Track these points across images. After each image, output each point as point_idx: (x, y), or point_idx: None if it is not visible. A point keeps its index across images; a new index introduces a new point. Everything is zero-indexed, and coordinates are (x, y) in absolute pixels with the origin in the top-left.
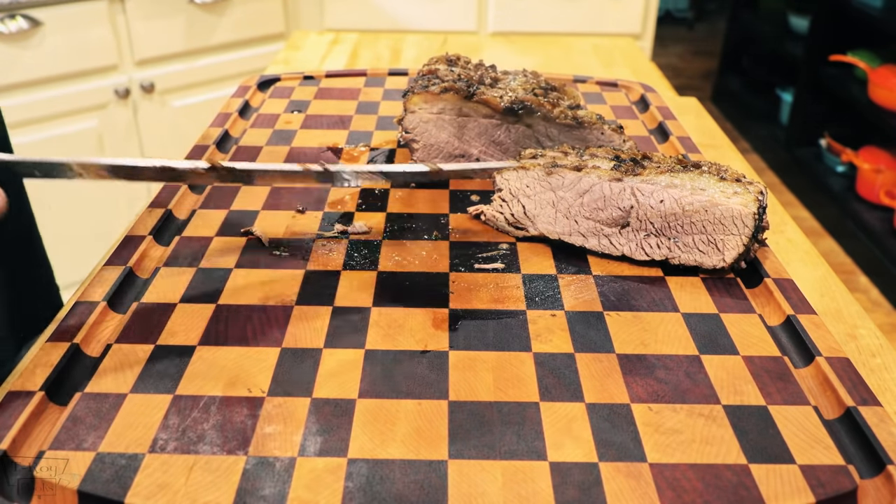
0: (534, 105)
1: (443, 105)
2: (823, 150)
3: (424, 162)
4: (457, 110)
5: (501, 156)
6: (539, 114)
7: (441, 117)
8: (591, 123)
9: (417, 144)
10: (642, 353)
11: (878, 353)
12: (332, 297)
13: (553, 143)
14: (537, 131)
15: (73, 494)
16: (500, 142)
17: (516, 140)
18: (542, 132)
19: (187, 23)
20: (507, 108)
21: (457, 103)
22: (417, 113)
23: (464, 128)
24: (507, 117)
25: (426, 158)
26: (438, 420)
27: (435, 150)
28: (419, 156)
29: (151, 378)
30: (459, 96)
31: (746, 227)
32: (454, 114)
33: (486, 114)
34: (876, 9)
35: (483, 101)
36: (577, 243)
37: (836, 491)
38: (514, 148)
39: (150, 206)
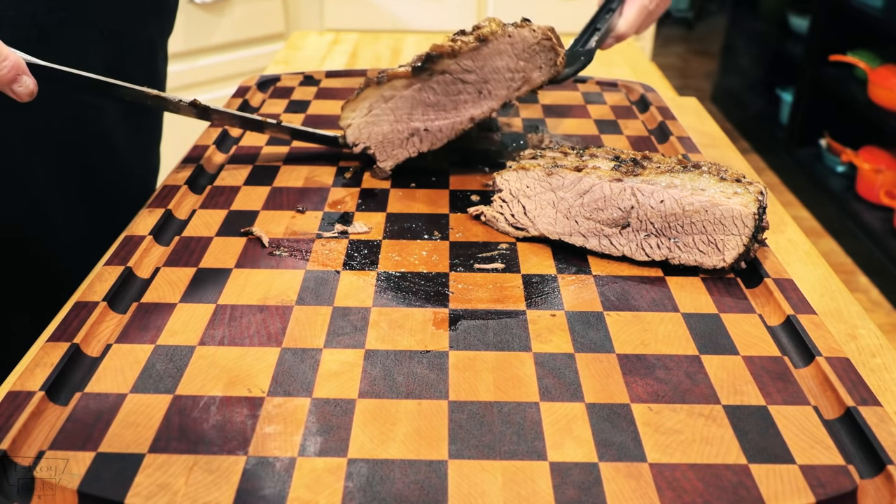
0: (434, 52)
1: (368, 102)
2: (823, 150)
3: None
4: (381, 98)
5: (443, 114)
6: (444, 56)
7: (373, 113)
8: (494, 33)
9: (371, 149)
10: (642, 353)
11: (878, 353)
12: (332, 297)
13: (474, 73)
14: (454, 72)
15: (73, 494)
16: (433, 102)
17: (445, 92)
18: (457, 70)
19: (187, 23)
20: (415, 68)
21: (376, 92)
22: (353, 124)
23: (396, 110)
24: (421, 76)
25: (386, 156)
26: (438, 420)
27: (388, 143)
28: (378, 157)
29: (151, 378)
30: (373, 85)
31: (746, 228)
32: (381, 102)
33: (405, 85)
34: (876, 9)
35: (394, 76)
36: (578, 244)
37: (836, 491)
38: (448, 100)
39: (150, 206)
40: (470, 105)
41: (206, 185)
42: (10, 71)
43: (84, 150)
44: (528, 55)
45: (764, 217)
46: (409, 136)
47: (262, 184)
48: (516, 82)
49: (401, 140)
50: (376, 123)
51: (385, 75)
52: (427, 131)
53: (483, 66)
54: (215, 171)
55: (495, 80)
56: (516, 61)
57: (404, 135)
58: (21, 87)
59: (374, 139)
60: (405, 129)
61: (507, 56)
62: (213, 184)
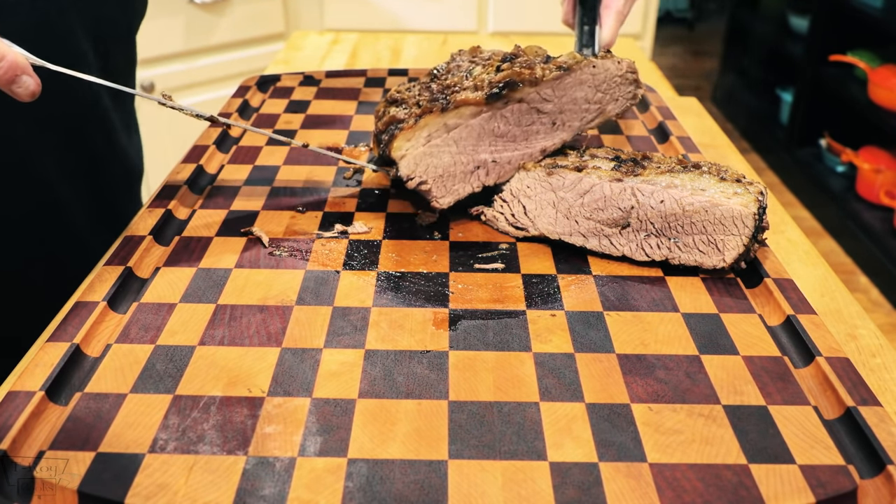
0: (514, 78)
1: (427, 131)
2: (823, 150)
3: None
4: (443, 127)
5: (513, 145)
6: (525, 84)
7: (432, 144)
8: (579, 63)
9: (427, 185)
10: (642, 353)
11: (878, 353)
12: (332, 297)
13: (552, 103)
14: (531, 101)
15: (73, 494)
16: (503, 132)
17: (517, 122)
18: (536, 100)
19: (187, 23)
20: (490, 95)
21: (438, 120)
22: (407, 156)
23: (460, 140)
24: (494, 105)
25: (444, 192)
26: (438, 420)
27: (448, 178)
28: (435, 193)
29: (151, 378)
30: (436, 112)
31: (747, 228)
32: (443, 132)
33: (473, 113)
34: (876, 9)
35: (462, 103)
36: (578, 243)
37: (836, 491)
38: (520, 130)
39: (150, 206)
40: (542, 136)
41: (206, 185)
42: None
43: (86, 134)
44: (607, 87)
45: (764, 217)
46: (475, 168)
47: (262, 184)
48: (591, 114)
49: (464, 173)
50: (435, 155)
51: (451, 102)
52: (495, 163)
53: (562, 95)
54: (215, 171)
55: (571, 110)
56: (595, 92)
57: (469, 167)
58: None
59: (431, 172)
60: (469, 161)
61: (588, 87)
62: (213, 184)
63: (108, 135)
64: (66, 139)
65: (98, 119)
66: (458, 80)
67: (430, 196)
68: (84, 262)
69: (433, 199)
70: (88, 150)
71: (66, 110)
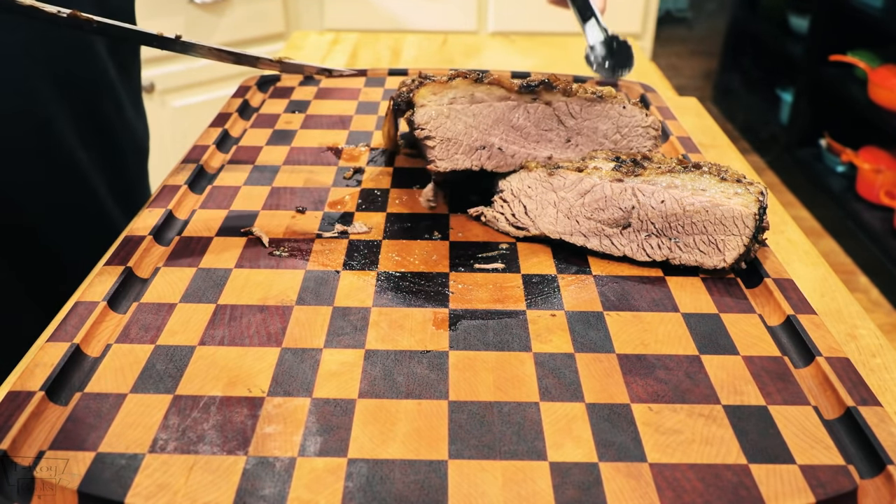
0: (552, 80)
1: (454, 93)
2: (823, 150)
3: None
4: (469, 97)
5: (523, 141)
6: (558, 89)
7: (453, 107)
8: (613, 97)
9: (433, 141)
10: (642, 353)
11: (878, 353)
12: (332, 297)
13: (575, 120)
14: (557, 109)
15: (73, 494)
16: (520, 126)
17: (536, 122)
18: (562, 110)
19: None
20: (523, 86)
21: (468, 88)
22: (427, 106)
23: (479, 115)
24: (523, 97)
25: (445, 156)
26: (438, 420)
27: (453, 144)
28: (437, 153)
29: (151, 378)
30: (470, 80)
31: (747, 228)
32: (467, 101)
33: (501, 96)
34: (876, 9)
35: (496, 83)
36: (579, 243)
37: (836, 491)
38: (536, 131)
39: (150, 206)
40: (553, 146)
41: (206, 185)
42: None
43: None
44: (628, 132)
45: (764, 217)
46: (481, 147)
47: (262, 184)
48: (603, 146)
49: (469, 147)
50: (452, 118)
51: (487, 76)
52: (500, 151)
53: (586, 119)
54: (215, 171)
55: (588, 136)
56: (615, 132)
57: (476, 143)
58: None
59: (441, 132)
60: (479, 138)
61: (611, 123)
62: (213, 184)
63: (118, 108)
64: (82, 108)
65: (108, 88)
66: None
67: (431, 155)
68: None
69: (434, 158)
70: (101, 120)
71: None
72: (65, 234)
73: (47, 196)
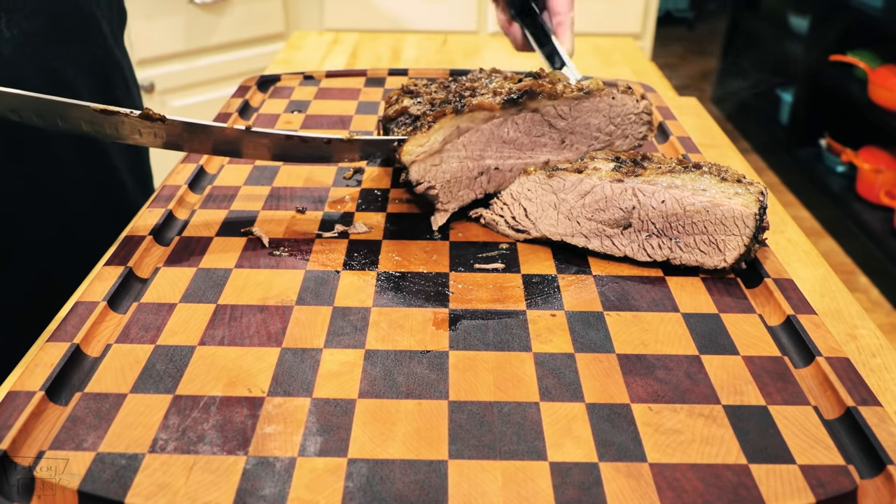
0: (535, 87)
1: (440, 135)
2: (823, 150)
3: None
4: (455, 131)
5: (518, 153)
6: (542, 95)
7: (443, 150)
8: (600, 90)
9: (435, 189)
10: (642, 353)
11: (878, 353)
12: (332, 297)
13: (566, 121)
14: (546, 114)
15: (73, 494)
16: (512, 139)
17: (527, 131)
18: (551, 113)
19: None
20: (507, 100)
21: (451, 123)
22: (418, 161)
23: (469, 144)
24: (508, 110)
25: (450, 197)
26: (438, 420)
27: (454, 183)
28: (442, 198)
29: (151, 378)
30: (450, 115)
31: (747, 228)
32: (455, 136)
33: (486, 117)
34: (876, 9)
35: (477, 107)
36: (580, 244)
37: (836, 491)
38: (528, 139)
39: (150, 205)
40: (548, 150)
41: (206, 186)
42: None
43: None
44: (621, 121)
45: (764, 217)
46: (479, 174)
47: (262, 184)
48: (600, 143)
49: (469, 179)
50: (445, 160)
51: (466, 105)
52: (498, 170)
53: (577, 117)
54: (215, 172)
55: (581, 134)
56: (608, 123)
57: (473, 173)
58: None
59: (440, 178)
60: (475, 166)
61: (603, 116)
62: (213, 184)
63: (127, 88)
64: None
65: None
66: (478, 84)
67: (436, 201)
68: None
69: (439, 203)
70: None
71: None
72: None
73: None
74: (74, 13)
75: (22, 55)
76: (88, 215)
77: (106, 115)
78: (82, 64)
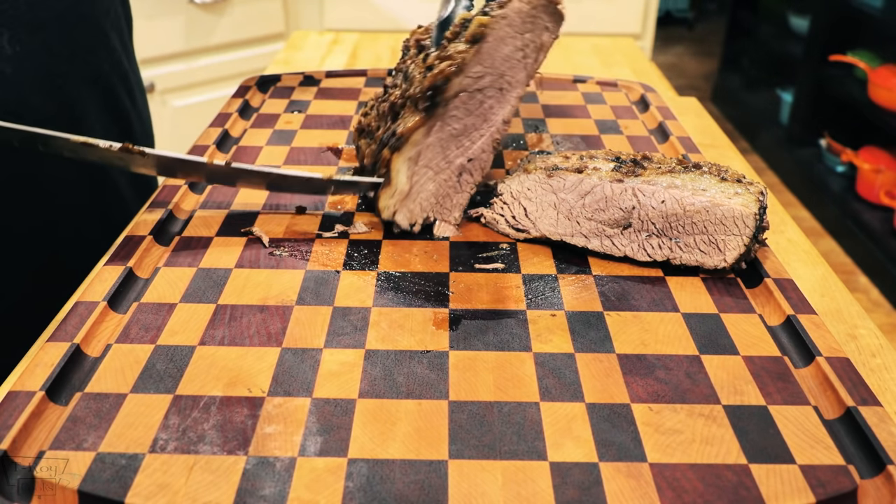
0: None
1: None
2: (823, 150)
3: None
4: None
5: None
6: (449, 80)
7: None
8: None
9: (431, 217)
10: (642, 353)
11: (878, 353)
12: (332, 297)
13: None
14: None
15: (74, 494)
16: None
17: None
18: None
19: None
20: (426, 109)
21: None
22: (399, 210)
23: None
24: (434, 114)
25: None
26: (438, 420)
27: (444, 198)
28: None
29: (151, 378)
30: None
31: (747, 228)
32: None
33: (424, 133)
34: (876, 9)
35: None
36: (580, 244)
37: (836, 491)
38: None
39: (150, 206)
40: (497, 108)
41: (205, 186)
42: None
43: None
44: (530, 25)
45: (764, 217)
46: (459, 175)
47: None
48: (530, 57)
49: (453, 186)
50: (420, 191)
51: (399, 138)
52: (471, 161)
53: (493, 62)
54: None
55: (509, 67)
56: (521, 37)
57: (453, 180)
58: None
59: (427, 207)
60: (450, 174)
61: (511, 38)
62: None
63: (131, 97)
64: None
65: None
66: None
67: (440, 222)
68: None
69: (444, 223)
70: (119, 110)
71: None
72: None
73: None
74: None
75: (25, 73)
76: (88, 216)
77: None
78: (88, 79)
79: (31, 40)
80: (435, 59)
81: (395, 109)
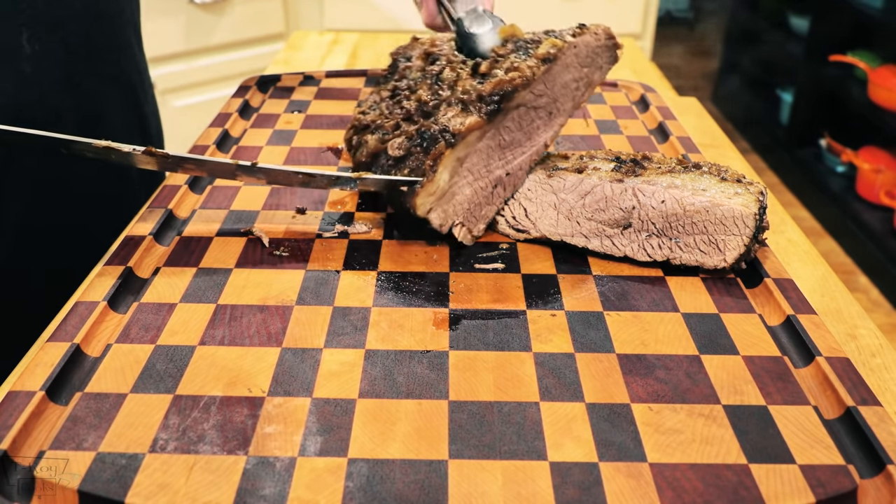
0: (507, 87)
1: (445, 175)
2: (823, 150)
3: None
4: (457, 162)
5: (519, 149)
6: (517, 90)
7: (452, 184)
8: (561, 49)
9: (460, 222)
10: (642, 353)
11: (878, 353)
12: (332, 297)
13: (545, 97)
14: (528, 102)
15: (74, 494)
16: (508, 142)
17: (518, 126)
18: (531, 99)
19: (187, 23)
20: (489, 112)
21: (451, 157)
22: (434, 209)
23: (473, 168)
24: (494, 120)
25: (477, 222)
26: (438, 420)
27: (475, 207)
28: (471, 224)
29: (151, 378)
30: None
31: (747, 228)
32: (458, 167)
33: (478, 136)
34: (876, 9)
35: (467, 131)
36: (580, 244)
37: (836, 491)
38: (523, 134)
39: (150, 206)
40: (542, 130)
41: (206, 186)
42: None
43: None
44: (591, 60)
45: (764, 217)
46: (494, 187)
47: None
48: (581, 90)
49: (486, 196)
50: (458, 193)
51: (454, 135)
52: (509, 175)
53: (553, 85)
54: None
55: (563, 95)
56: (580, 69)
57: (488, 190)
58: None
59: (461, 212)
60: (487, 183)
61: (573, 67)
62: (213, 184)
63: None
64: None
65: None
66: (431, 93)
67: (466, 231)
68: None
69: (469, 233)
70: (138, 108)
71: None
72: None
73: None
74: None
75: (44, 72)
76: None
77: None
78: (107, 76)
79: (49, 38)
80: (488, 67)
81: (424, 109)
